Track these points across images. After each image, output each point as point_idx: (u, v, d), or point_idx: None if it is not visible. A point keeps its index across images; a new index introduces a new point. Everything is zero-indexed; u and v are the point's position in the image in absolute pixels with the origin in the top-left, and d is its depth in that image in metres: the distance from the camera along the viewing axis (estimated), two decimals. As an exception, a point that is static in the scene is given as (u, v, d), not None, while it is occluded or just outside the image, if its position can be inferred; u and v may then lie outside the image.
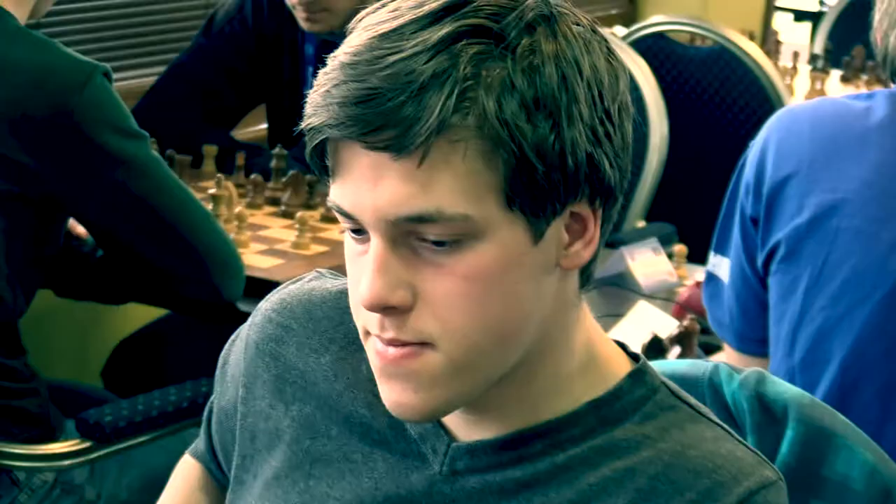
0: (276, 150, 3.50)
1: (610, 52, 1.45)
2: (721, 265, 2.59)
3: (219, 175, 3.21)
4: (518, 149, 1.36)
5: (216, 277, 2.90)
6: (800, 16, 5.95)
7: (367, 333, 1.44)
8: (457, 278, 1.39)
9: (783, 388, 1.72)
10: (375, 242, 1.39)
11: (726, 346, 2.64)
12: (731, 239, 2.55)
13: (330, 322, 1.64)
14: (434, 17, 1.38)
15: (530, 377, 1.49)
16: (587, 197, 1.43)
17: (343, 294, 1.56)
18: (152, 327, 3.56)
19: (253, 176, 3.44)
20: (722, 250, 2.58)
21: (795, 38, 5.31)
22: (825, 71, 4.66)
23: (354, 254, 1.44)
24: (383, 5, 1.43)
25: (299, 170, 3.38)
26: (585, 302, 1.54)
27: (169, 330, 3.49)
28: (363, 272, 1.40)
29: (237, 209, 3.21)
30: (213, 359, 1.91)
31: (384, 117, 1.34)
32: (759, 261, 2.49)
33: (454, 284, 1.39)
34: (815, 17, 5.60)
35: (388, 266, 1.38)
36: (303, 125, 1.43)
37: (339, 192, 1.41)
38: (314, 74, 3.86)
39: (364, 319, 1.43)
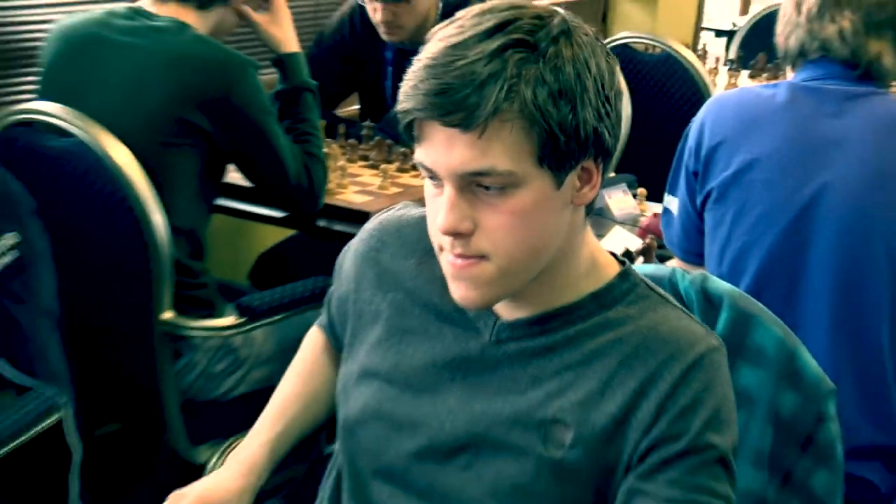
0: (366, 123, 3.47)
1: (608, 53, 1.51)
2: (672, 202, 2.61)
3: (327, 140, 3.20)
4: (548, 126, 1.42)
5: (294, 196, 2.89)
6: (719, 33, 6.01)
7: (441, 249, 1.52)
8: (504, 214, 1.46)
9: (720, 285, 1.80)
10: (448, 189, 1.46)
11: (675, 258, 2.64)
12: (679, 185, 2.55)
13: (413, 238, 1.70)
14: (489, 34, 1.42)
15: (552, 277, 1.56)
16: (593, 156, 1.50)
17: (423, 220, 1.62)
18: (281, 245, 3.53)
19: (350, 140, 3.42)
20: (673, 192, 2.61)
21: (716, 48, 5.34)
22: (738, 70, 4.68)
23: (432, 195, 1.51)
24: (451, 23, 1.48)
25: (381, 136, 3.36)
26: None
27: (294, 247, 3.48)
28: (439, 208, 1.47)
29: (340, 163, 3.19)
30: (326, 265, 1.93)
31: (455, 105, 1.40)
32: (698, 202, 2.52)
33: (503, 218, 1.46)
34: (729, 34, 5.65)
35: (457, 205, 1.45)
36: (397, 108, 1.48)
37: (423, 154, 1.48)
38: (393, 73, 3.88)
39: (439, 239, 1.51)
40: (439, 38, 1.45)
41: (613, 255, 1.63)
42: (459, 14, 1.48)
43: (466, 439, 1.55)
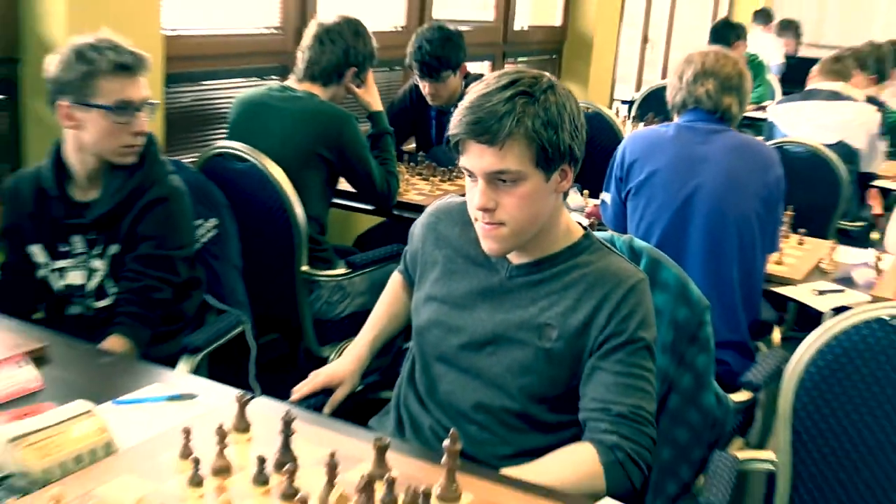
0: (420, 154, 3.40)
1: (575, 100, 1.47)
2: (607, 196, 2.56)
3: (398, 163, 3.15)
4: (541, 143, 1.40)
5: (381, 198, 2.81)
6: (624, 101, 5.92)
7: (476, 219, 1.49)
8: (515, 197, 1.44)
9: (640, 243, 1.74)
10: (480, 182, 1.44)
11: (610, 231, 2.59)
12: (611, 186, 2.49)
13: (458, 215, 1.63)
14: (504, 87, 1.41)
15: (543, 236, 1.52)
16: (568, 162, 1.46)
17: (462, 204, 1.60)
18: (372, 227, 3.47)
19: (411, 164, 3.36)
20: (607, 190, 2.55)
21: (623, 110, 5.27)
22: (636, 123, 4.57)
23: (470, 186, 1.48)
24: (481, 82, 1.44)
25: (429, 161, 3.29)
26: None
27: (380, 227, 3.41)
28: (475, 194, 1.45)
29: (405, 177, 3.13)
30: (400, 237, 1.94)
31: (485, 130, 1.39)
32: (622, 196, 2.45)
33: (514, 200, 1.44)
34: (630, 102, 5.59)
35: (486, 192, 1.44)
36: (449, 133, 1.45)
37: (465, 161, 1.45)
38: (436, 124, 3.72)
39: (474, 213, 1.48)
40: (475, 91, 1.42)
41: (579, 223, 1.59)
42: (485, 76, 1.45)
43: (492, 337, 1.52)
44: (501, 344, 1.51)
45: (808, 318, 2.80)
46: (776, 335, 2.53)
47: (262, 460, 1.25)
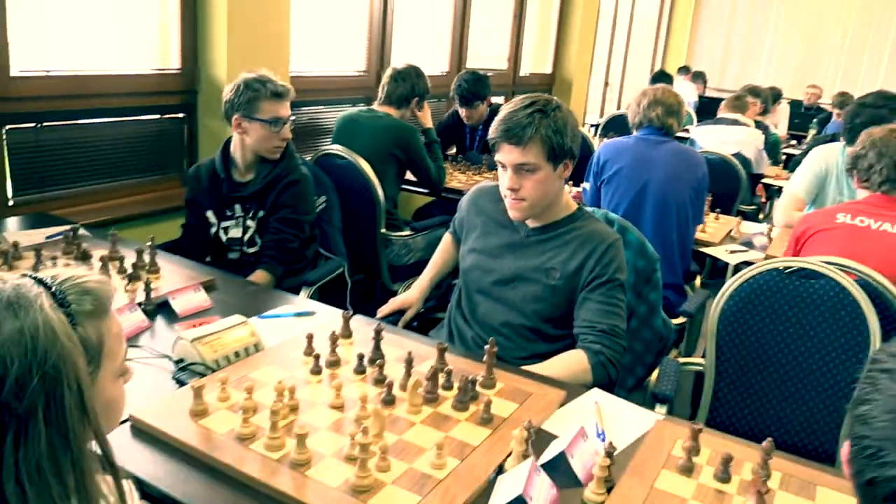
0: (459, 156, 3.30)
1: (574, 116, 1.37)
2: (587, 185, 2.42)
3: (444, 162, 3.03)
4: (551, 144, 1.32)
5: (434, 184, 2.68)
6: (592, 125, 5.64)
7: (505, 196, 1.41)
8: (533, 182, 1.36)
9: (613, 215, 1.66)
10: (509, 170, 1.36)
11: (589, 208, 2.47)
12: (590, 178, 2.37)
13: (491, 193, 1.54)
14: (526, 106, 1.33)
15: (550, 209, 1.43)
16: (569, 158, 1.37)
17: (495, 186, 1.52)
18: (427, 203, 3.37)
19: (451, 162, 3.26)
20: (587, 180, 2.41)
21: (592, 131, 5.02)
22: (602, 139, 4.37)
23: (501, 174, 1.39)
24: (509, 103, 1.35)
25: (465, 162, 3.19)
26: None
27: (432, 204, 3.31)
28: (505, 179, 1.37)
29: (449, 171, 2.99)
30: (448, 210, 1.80)
31: (513, 135, 1.32)
32: (597, 185, 2.33)
33: (532, 184, 1.36)
34: (597, 126, 5.30)
35: (513, 178, 1.36)
36: (488, 137, 1.37)
37: (498, 156, 1.36)
38: (469, 137, 3.52)
39: (504, 192, 1.40)
40: (505, 109, 1.35)
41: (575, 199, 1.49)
42: (513, 99, 1.36)
43: (514, 276, 1.44)
44: (521, 281, 1.44)
45: (717, 271, 2.71)
46: (698, 281, 2.47)
47: (360, 357, 1.21)
